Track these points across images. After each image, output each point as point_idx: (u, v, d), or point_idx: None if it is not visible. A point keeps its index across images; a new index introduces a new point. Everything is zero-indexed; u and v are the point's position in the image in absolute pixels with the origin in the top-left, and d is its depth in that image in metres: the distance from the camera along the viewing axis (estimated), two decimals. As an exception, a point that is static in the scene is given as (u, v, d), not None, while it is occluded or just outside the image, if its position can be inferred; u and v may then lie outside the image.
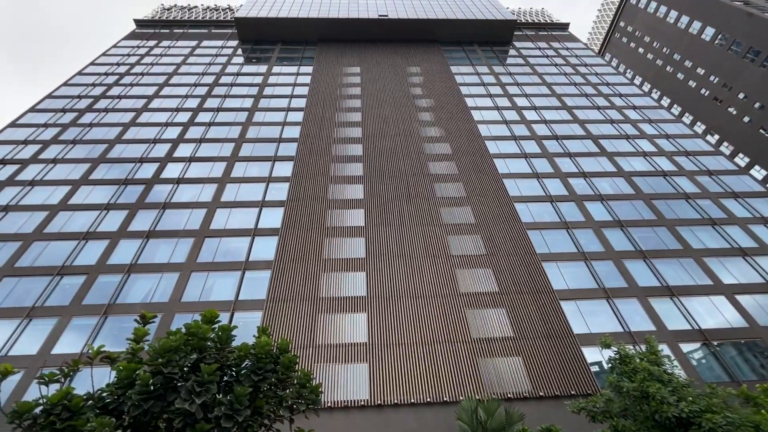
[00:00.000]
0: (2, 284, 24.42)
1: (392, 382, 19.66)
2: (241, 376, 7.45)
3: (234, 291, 24.12)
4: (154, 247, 26.99)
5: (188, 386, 6.52)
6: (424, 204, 30.00)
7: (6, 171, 33.19)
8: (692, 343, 22.20)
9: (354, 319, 22.37)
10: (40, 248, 26.71)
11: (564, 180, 33.41)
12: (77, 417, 6.59)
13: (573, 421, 13.95)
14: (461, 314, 22.59)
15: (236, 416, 6.72)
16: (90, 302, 23.52)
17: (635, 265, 26.25)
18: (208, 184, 32.10)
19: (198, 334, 7.09)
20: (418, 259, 25.65)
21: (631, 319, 23.02)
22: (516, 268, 25.27)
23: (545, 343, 21.32)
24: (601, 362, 21.00)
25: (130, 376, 6.71)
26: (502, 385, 19.69)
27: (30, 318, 22.68)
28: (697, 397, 7.63)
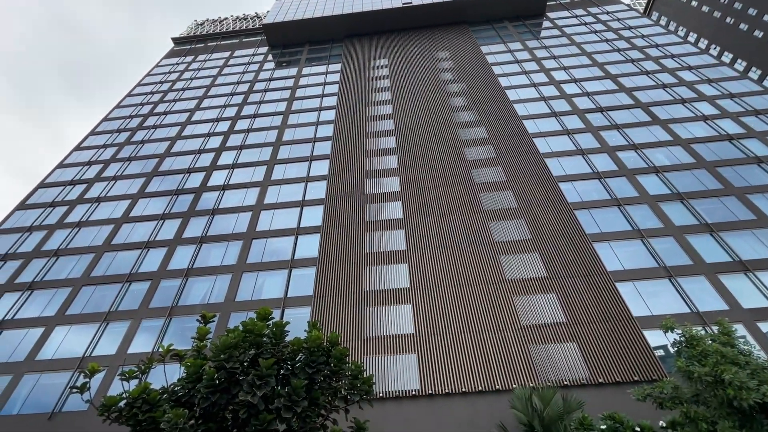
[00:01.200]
0: (81, 293, 27.14)
1: (442, 371, 19.63)
2: (297, 369, 7.78)
3: (283, 288, 25.14)
4: (207, 251, 28.71)
5: (249, 380, 6.92)
6: (463, 191, 29.41)
7: (76, 191, 36.69)
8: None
9: (399, 311, 22.53)
10: (110, 258, 29.33)
11: (612, 154, 31.31)
12: (155, 409, 7.24)
13: (637, 408, 13.20)
14: (509, 301, 22.02)
15: (295, 407, 7.04)
16: (156, 305, 25.55)
17: (700, 239, 24.13)
18: (251, 188, 33.53)
19: (254, 330, 7.49)
20: (460, 248, 25.27)
21: (699, 299, 21.23)
22: (564, 250, 24.14)
23: (602, 328, 20.27)
24: (666, 346, 19.62)
25: (198, 371, 7.24)
26: (556, 372, 19.02)
27: (107, 322, 25.05)
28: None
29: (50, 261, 29.75)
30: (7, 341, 24.84)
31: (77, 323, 25.17)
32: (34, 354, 23.79)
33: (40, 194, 37.05)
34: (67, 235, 31.71)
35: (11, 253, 30.84)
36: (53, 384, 22.24)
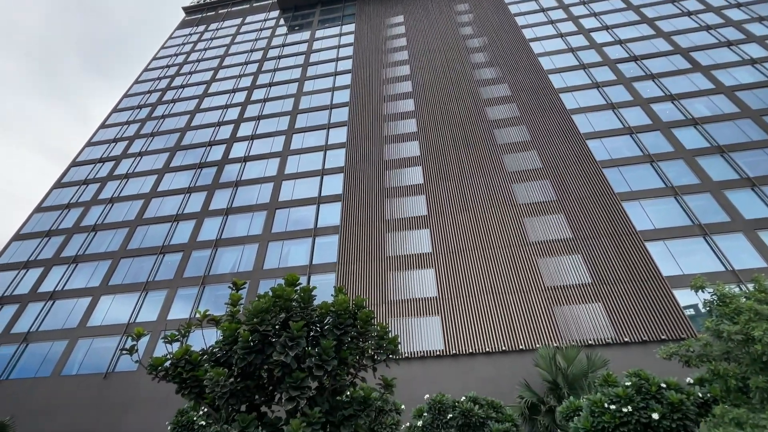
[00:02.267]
0: (120, 264, 28.84)
1: (465, 333, 20.08)
2: (325, 331, 8.10)
3: (308, 256, 25.85)
4: (234, 222, 29.60)
5: (282, 341, 7.27)
6: (485, 153, 28.62)
7: (105, 168, 38.05)
8: (815, 279, 19.21)
9: (422, 275, 22.85)
10: (143, 232, 30.77)
11: (646, 107, 29.39)
12: (197, 368, 7.78)
13: (663, 367, 13.17)
14: (532, 263, 21.88)
15: (325, 366, 7.40)
16: (189, 275, 26.90)
17: (740, 195, 22.82)
18: (272, 159, 33.78)
19: (283, 295, 7.77)
20: (482, 211, 24.97)
21: (735, 257, 20.40)
22: (591, 211, 23.44)
23: (629, 288, 19.97)
24: (697, 305, 19.23)
25: (233, 334, 7.67)
26: (581, 332, 19.09)
27: (146, 291, 26.69)
28: (823, 337, 6.67)
29: (89, 236, 31.52)
30: (60, 310, 27.01)
31: (120, 293, 26.95)
32: (85, 321, 25.83)
33: (73, 172, 38.66)
34: (102, 210, 33.29)
35: (54, 229, 32.81)
36: (105, 347, 24.26)
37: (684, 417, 9.94)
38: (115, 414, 20.96)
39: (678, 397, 10.11)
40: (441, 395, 12.67)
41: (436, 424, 12.21)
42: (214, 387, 7.14)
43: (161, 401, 20.26)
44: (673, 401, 10.05)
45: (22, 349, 25.15)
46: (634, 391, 10.62)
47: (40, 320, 26.45)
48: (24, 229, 33.50)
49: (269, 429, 7.25)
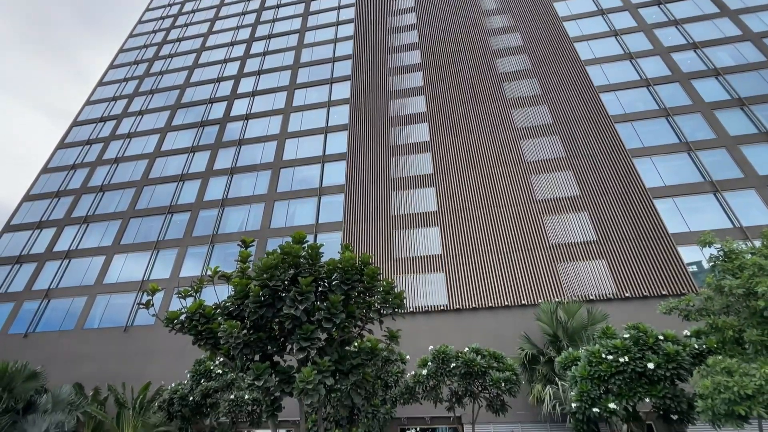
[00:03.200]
0: (130, 224, 29.36)
1: (469, 289, 20.58)
2: (333, 286, 8.33)
3: (314, 215, 26.06)
4: (239, 181, 29.61)
5: (291, 296, 7.52)
6: (494, 108, 27.69)
7: (107, 128, 37.61)
8: (823, 235, 19.09)
9: (427, 233, 23.05)
10: (150, 192, 30.98)
11: (666, 56, 27.80)
12: (212, 321, 8.14)
13: (663, 321, 13.53)
14: (538, 221, 21.89)
15: (333, 319, 7.70)
16: (198, 234, 27.41)
17: (756, 150, 22.13)
18: (274, 116, 33.05)
19: (291, 252, 7.92)
20: (489, 169, 24.62)
21: (744, 213, 20.17)
22: (601, 168, 23.00)
23: (633, 245, 20.05)
24: (700, 262, 19.35)
25: (244, 289, 7.92)
26: (583, 288, 19.48)
27: (158, 250, 27.37)
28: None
29: (97, 196, 31.86)
30: (77, 268, 27.97)
31: (132, 251, 27.69)
32: (102, 278, 26.81)
33: (75, 132, 38.33)
34: (108, 171, 33.35)
35: (63, 190, 33.14)
36: (122, 303, 25.36)
37: (678, 366, 10.35)
38: (138, 363, 22.34)
39: (674, 348, 10.47)
40: (444, 346, 13.23)
41: (439, 372, 12.86)
42: (228, 338, 7.50)
43: (180, 352, 21.48)
44: (669, 352, 10.43)
45: (44, 304, 26.40)
46: (632, 342, 11.00)
47: (58, 278, 27.50)
48: (33, 190, 33.89)
49: (282, 376, 7.69)
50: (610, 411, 10.30)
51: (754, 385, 6.12)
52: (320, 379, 7.18)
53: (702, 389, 6.65)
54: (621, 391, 10.42)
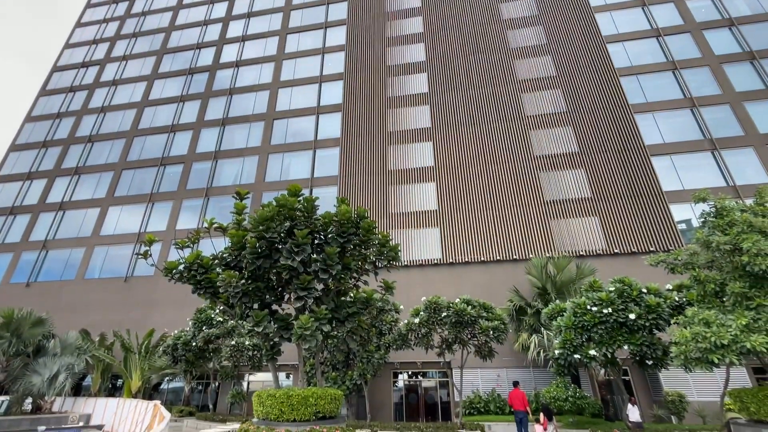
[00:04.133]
0: (123, 176, 28.93)
1: (463, 243, 20.96)
2: (329, 239, 8.43)
3: (309, 169, 25.75)
4: (231, 133, 28.84)
5: (288, 247, 7.61)
6: (496, 58, 26.50)
7: (90, 74, 35.74)
8: (814, 195, 19.33)
9: (423, 189, 23.01)
10: (141, 143, 30.19)
11: (680, 4, 26.27)
12: (210, 271, 8.31)
13: (648, 277, 14.02)
14: (534, 177, 21.84)
15: (330, 270, 7.88)
16: (192, 187, 27.15)
17: (759, 107, 21.71)
18: (266, 63, 31.49)
19: (287, 205, 7.91)
20: (488, 123, 24.08)
21: (739, 172, 20.23)
22: (601, 123, 22.58)
23: (627, 203, 20.24)
24: (690, 220, 19.70)
25: (241, 241, 8.00)
26: (574, 244, 19.91)
27: (152, 202, 27.23)
28: (808, 248, 6.91)
29: (86, 147, 31.04)
30: (72, 220, 27.93)
31: (127, 204, 27.54)
32: (98, 230, 26.89)
33: (56, 79, 36.48)
34: (95, 120, 32.22)
35: (49, 140, 32.17)
36: (121, 254, 25.67)
37: (658, 317, 10.91)
38: (140, 311, 23.10)
39: (655, 300, 10.97)
40: (437, 297, 13.73)
41: (431, 321, 13.46)
42: (227, 287, 7.70)
43: (181, 301, 22.15)
44: (651, 304, 10.94)
45: (43, 255, 26.66)
46: (616, 295, 11.48)
47: (54, 229, 27.54)
48: (19, 140, 32.89)
49: (280, 323, 8.01)
50: (590, 357, 10.97)
51: (730, 336, 6.48)
52: (317, 326, 7.49)
53: (680, 338, 7.04)
54: (602, 340, 11.03)
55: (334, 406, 7.83)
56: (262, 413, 7.47)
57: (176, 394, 22.36)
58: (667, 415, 14.48)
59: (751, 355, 6.78)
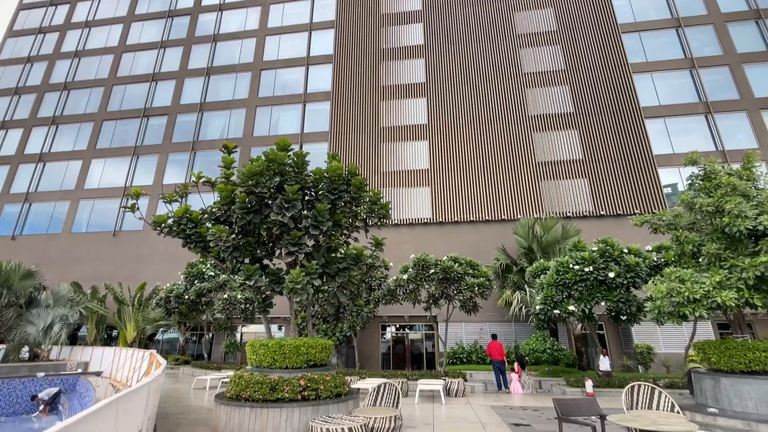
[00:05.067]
0: (104, 127, 27.77)
1: (453, 203, 21.11)
2: (320, 195, 8.37)
3: (298, 124, 25.03)
4: (216, 83, 27.53)
5: (278, 203, 7.56)
6: (494, 10, 25.19)
7: (60, 13, 33.06)
8: (798, 161, 19.69)
9: (416, 147, 22.71)
10: (121, 92, 28.71)
11: (690, -44, 24.89)
12: (199, 226, 8.26)
13: (631, 238, 14.46)
14: (527, 138, 21.66)
15: (320, 226, 7.90)
16: (178, 140, 26.30)
17: (759, 70, 21.42)
18: (251, 7, 29.45)
19: (277, 160, 7.74)
20: (484, 79, 23.37)
21: (730, 137, 20.35)
22: (599, 83, 22.12)
23: (616, 165, 20.37)
24: (676, 184, 20.02)
25: (230, 195, 7.89)
26: (562, 205, 20.21)
27: (137, 156, 26.43)
28: (784, 211, 7.13)
29: (63, 95, 29.44)
30: (54, 172, 27.11)
31: (110, 157, 26.69)
32: (82, 184, 26.23)
33: (23, 18, 33.72)
34: (70, 66, 30.30)
35: (22, 86, 30.35)
36: (108, 209, 25.28)
37: (636, 276, 11.41)
38: (131, 266, 23.19)
39: (635, 260, 11.41)
40: (425, 255, 14.03)
41: (419, 277, 13.85)
42: (217, 242, 7.70)
43: (171, 256, 22.24)
44: (630, 263, 11.39)
45: (26, 208, 26.11)
46: (598, 254, 11.89)
47: (35, 182, 26.77)
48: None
49: (272, 278, 8.12)
50: (569, 312, 11.55)
51: (703, 291, 6.83)
52: (308, 280, 7.63)
53: (656, 293, 7.40)
54: (581, 296, 11.56)
55: (325, 354, 8.19)
56: (255, 361, 7.80)
57: (171, 344, 23.12)
58: (635, 365, 15.60)
59: (719, 310, 7.20)
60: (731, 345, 7.03)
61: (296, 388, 6.94)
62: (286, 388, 6.90)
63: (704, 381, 7.29)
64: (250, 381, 7.10)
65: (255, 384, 6.99)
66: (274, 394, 6.85)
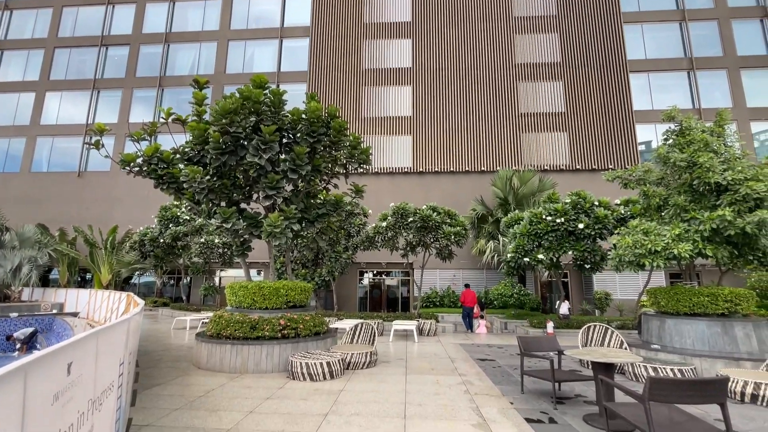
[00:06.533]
0: (57, 56, 25.15)
1: (434, 153, 20.96)
2: (298, 138, 8.08)
3: (275, 61, 23.45)
4: (183, 12, 25.01)
5: (254, 144, 7.26)
6: (488, -56, 23.29)
7: None
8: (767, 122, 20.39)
9: (398, 92, 21.92)
10: (72, 16, 25.71)
11: None
12: (172, 166, 7.91)
13: (603, 192, 14.96)
14: (512, 87, 21.22)
15: (299, 170, 7.72)
16: (143, 74, 24.28)
17: (746, 26, 21.25)
18: None
19: (252, 98, 7.31)
20: (471, 22, 22.20)
21: (708, 95, 20.62)
22: (588, 32, 21.46)
23: (597, 120, 20.48)
24: (650, 142, 20.46)
25: (203, 135, 7.50)
26: (540, 158, 20.44)
27: (97, 90, 24.37)
28: (746, 168, 7.48)
29: (4, 15, 26.09)
30: (4, 105, 24.80)
31: (67, 89, 24.52)
32: (37, 119, 24.23)
33: None
34: (9, -19, 26.56)
35: (-47, 2, 26.60)
36: (70, 147, 23.70)
37: (603, 227, 11.99)
38: (99, 208, 22.35)
39: (604, 212, 11.92)
40: (404, 203, 14.15)
41: (397, 225, 14.07)
42: (191, 183, 7.44)
43: (144, 198, 21.52)
44: (599, 215, 11.90)
45: (-23, 143, 24.15)
46: (570, 207, 12.32)
47: (-16, 114, 24.52)
48: None
49: (249, 221, 8.04)
50: (538, 261, 12.16)
51: (663, 243, 7.28)
52: (287, 224, 7.60)
53: (620, 244, 7.84)
54: (551, 246, 12.12)
55: (304, 296, 8.43)
56: (235, 302, 7.94)
57: (149, 287, 23.15)
58: (593, 310, 16.95)
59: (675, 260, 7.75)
60: (679, 291, 7.67)
61: (276, 327, 7.19)
62: (266, 327, 7.14)
63: (652, 322, 8.03)
64: (230, 320, 7.29)
65: (235, 323, 7.19)
66: (255, 332, 7.09)
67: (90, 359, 2.29)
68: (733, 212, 6.95)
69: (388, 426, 4.23)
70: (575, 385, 6.15)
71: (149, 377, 6.33)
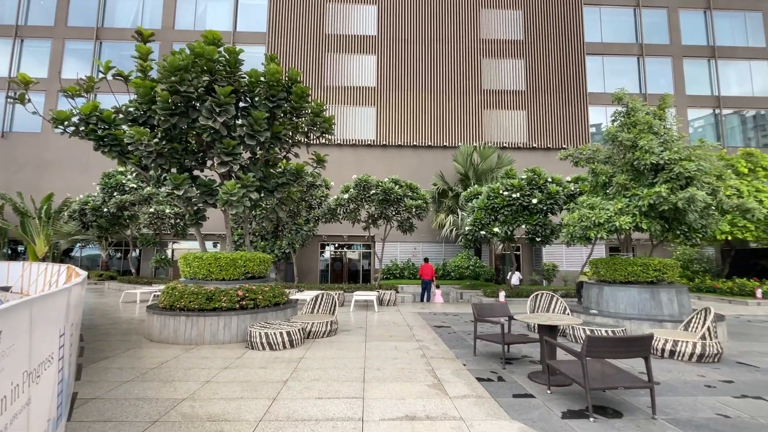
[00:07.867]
0: (-32, -6, 21.70)
1: (397, 126, 20.82)
2: (256, 102, 7.66)
3: (230, 20, 21.77)
4: (122, -46, 22.27)
5: (207, 106, 6.79)
6: None
7: None
8: (701, 110, 22.13)
9: (363, 61, 21.29)
10: (-15, -53, 22.08)
11: None
12: (114, 127, 7.24)
13: (557, 168, 15.73)
14: (476, 62, 21.31)
15: (257, 136, 7.36)
16: (77, 24, 21.65)
17: (691, 17, 22.56)
18: None
19: (205, 55, 6.76)
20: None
21: (653, 81, 21.95)
22: (550, 10, 21.78)
23: (554, 100, 21.21)
24: (600, 124, 21.59)
25: (149, 93, 6.87)
26: (500, 135, 20.98)
27: (21, 38, 21.49)
28: (682, 149, 8.14)
29: None
30: None
31: (-18, 35, 21.37)
32: (-54, 67, 21.07)
33: None
34: None
35: None
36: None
37: (554, 203, 12.69)
38: (29, 173, 20.23)
39: (555, 188, 12.58)
40: (367, 176, 14.06)
41: (360, 197, 14.00)
42: (137, 146, 6.87)
43: (83, 163, 19.73)
44: (552, 191, 12.56)
45: None
46: (526, 182, 12.87)
47: None
48: None
49: (203, 189, 7.61)
50: (494, 234, 12.71)
51: (606, 216, 7.86)
52: (244, 192, 7.29)
53: (569, 219, 8.37)
54: (506, 220, 12.68)
55: (263, 267, 8.26)
56: (189, 273, 7.62)
57: (93, 260, 21.64)
58: (541, 280, 18.16)
59: (616, 233, 8.40)
60: (617, 261, 8.39)
61: (234, 298, 7.02)
62: (224, 298, 6.95)
63: (591, 289, 8.76)
64: (184, 292, 7.01)
65: (190, 294, 6.93)
66: (211, 303, 6.88)
67: (24, 329, 2.11)
68: (668, 189, 7.59)
69: (348, 389, 4.35)
70: (522, 347, 6.63)
71: (96, 351, 6.02)
